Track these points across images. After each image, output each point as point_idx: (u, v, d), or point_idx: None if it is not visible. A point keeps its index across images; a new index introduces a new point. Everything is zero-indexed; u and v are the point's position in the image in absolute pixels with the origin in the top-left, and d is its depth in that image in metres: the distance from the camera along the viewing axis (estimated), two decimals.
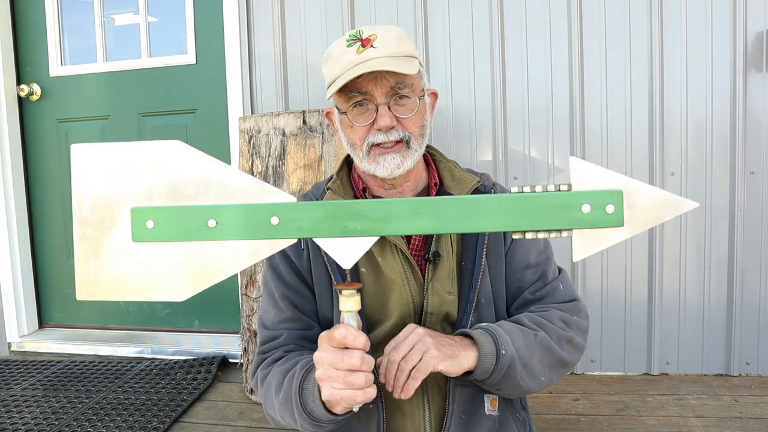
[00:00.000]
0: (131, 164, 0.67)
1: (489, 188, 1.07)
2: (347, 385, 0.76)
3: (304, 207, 0.65)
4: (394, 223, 0.65)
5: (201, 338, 2.64)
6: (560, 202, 0.63)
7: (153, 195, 0.67)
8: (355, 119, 0.98)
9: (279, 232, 0.65)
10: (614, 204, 0.63)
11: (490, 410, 1.01)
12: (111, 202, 0.68)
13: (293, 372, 0.92)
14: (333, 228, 0.65)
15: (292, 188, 1.96)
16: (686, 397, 2.01)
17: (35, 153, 2.82)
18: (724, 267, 2.15)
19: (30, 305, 2.83)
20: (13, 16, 2.74)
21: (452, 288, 1.01)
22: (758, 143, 2.09)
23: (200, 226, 0.66)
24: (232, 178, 0.66)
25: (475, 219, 0.64)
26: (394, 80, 0.96)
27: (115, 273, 0.68)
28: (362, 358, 0.75)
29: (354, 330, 0.75)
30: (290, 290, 1.04)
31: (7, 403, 2.09)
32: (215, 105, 2.55)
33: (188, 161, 0.67)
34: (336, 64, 0.98)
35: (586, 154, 2.18)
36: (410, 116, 0.98)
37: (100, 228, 0.68)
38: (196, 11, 2.54)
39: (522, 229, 0.64)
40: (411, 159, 0.99)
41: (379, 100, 0.96)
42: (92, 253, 0.68)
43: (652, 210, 0.64)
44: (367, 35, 0.97)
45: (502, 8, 2.19)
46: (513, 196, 0.64)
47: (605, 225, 0.63)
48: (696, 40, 2.09)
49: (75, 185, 0.68)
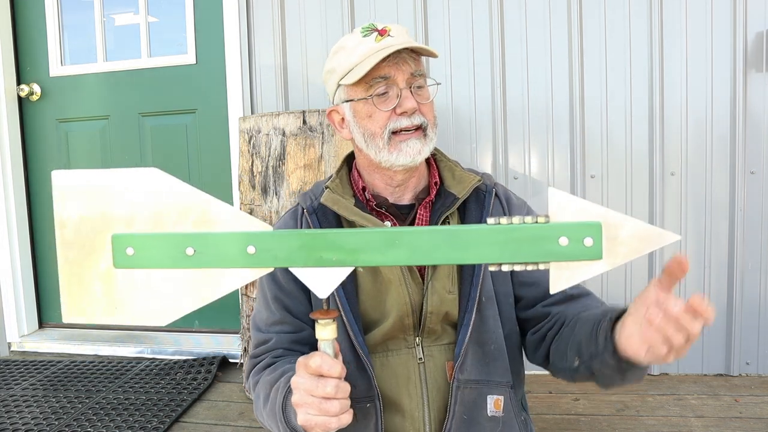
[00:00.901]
0: (110, 191, 0.68)
1: (490, 188, 1.06)
2: (321, 412, 0.76)
3: (279, 236, 0.66)
4: (369, 254, 0.65)
5: (201, 338, 2.64)
6: (537, 234, 0.62)
7: (133, 221, 0.68)
8: (379, 104, 0.99)
9: (255, 261, 0.66)
10: (592, 237, 0.62)
11: (494, 411, 1.00)
12: (92, 228, 0.68)
13: (278, 385, 0.92)
14: (308, 258, 0.66)
15: (292, 188, 1.97)
16: (686, 397, 2.01)
17: (35, 153, 2.82)
18: (724, 267, 2.15)
19: (30, 305, 2.83)
20: (13, 16, 2.74)
21: (452, 287, 1.01)
22: (758, 143, 2.09)
23: (179, 253, 0.66)
24: (210, 206, 0.67)
25: (451, 251, 0.64)
26: (415, 67, 0.98)
27: (99, 297, 0.69)
28: (336, 387, 0.76)
29: (329, 358, 0.75)
30: (282, 292, 1.04)
31: (7, 403, 2.09)
32: (215, 105, 2.55)
33: (166, 189, 0.67)
34: (353, 53, 0.99)
35: (586, 154, 2.19)
36: (427, 103, 1.01)
37: (83, 252, 0.69)
38: (196, 11, 2.54)
39: (498, 261, 0.63)
40: (428, 147, 1.01)
41: (402, 85, 0.98)
42: (76, 276, 0.69)
43: (632, 242, 0.63)
44: (382, 27, 0.99)
45: (502, 8, 2.19)
46: (490, 227, 0.63)
47: (583, 258, 0.62)
48: (696, 40, 2.09)
49: (57, 210, 0.69)
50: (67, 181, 0.69)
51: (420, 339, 1.00)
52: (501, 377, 1.02)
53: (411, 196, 1.06)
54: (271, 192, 2.00)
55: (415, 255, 0.65)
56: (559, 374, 1.01)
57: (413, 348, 1.00)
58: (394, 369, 1.00)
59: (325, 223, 1.02)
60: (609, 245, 0.63)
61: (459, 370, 0.98)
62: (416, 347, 1.00)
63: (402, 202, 1.06)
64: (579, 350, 0.90)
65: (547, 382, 2.17)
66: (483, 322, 1.01)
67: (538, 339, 1.03)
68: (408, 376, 0.99)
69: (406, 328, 1.00)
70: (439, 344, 1.01)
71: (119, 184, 0.68)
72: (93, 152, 2.76)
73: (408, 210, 1.05)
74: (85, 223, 0.69)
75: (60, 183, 0.69)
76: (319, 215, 1.03)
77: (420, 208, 1.04)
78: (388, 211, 1.04)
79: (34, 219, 2.85)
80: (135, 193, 0.68)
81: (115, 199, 0.68)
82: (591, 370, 0.89)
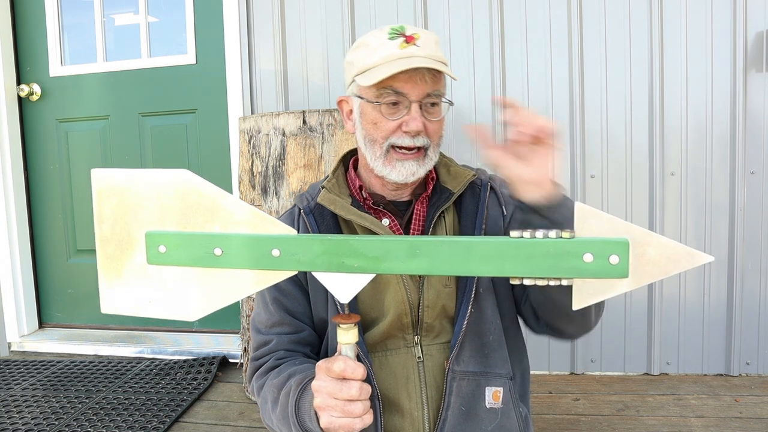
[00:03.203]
0: (144, 190, 0.71)
1: (485, 182, 1.07)
2: (346, 413, 0.78)
3: (303, 240, 0.67)
4: (390, 262, 0.66)
5: (201, 338, 2.64)
6: (561, 250, 0.61)
7: (165, 220, 0.71)
8: (386, 114, 0.97)
9: (279, 264, 0.68)
10: (619, 255, 0.60)
11: (492, 403, 1.00)
12: (128, 225, 0.72)
13: (288, 389, 0.92)
14: (331, 263, 0.67)
15: (292, 188, 1.97)
16: (686, 397, 2.01)
17: (35, 153, 2.82)
18: (724, 267, 2.15)
19: (30, 305, 2.83)
20: (13, 16, 2.74)
21: (449, 281, 1.01)
22: (758, 143, 2.09)
23: (207, 253, 0.69)
24: (236, 208, 0.69)
25: (472, 262, 0.64)
26: (432, 87, 0.95)
27: (133, 290, 0.72)
28: (361, 389, 0.77)
29: (352, 362, 0.77)
30: (281, 293, 1.04)
31: (7, 403, 2.09)
32: (215, 105, 2.55)
33: (196, 189, 0.70)
34: (374, 53, 0.96)
35: (586, 154, 2.19)
36: (435, 122, 0.98)
37: (120, 248, 0.72)
38: (196, 11, 2.54)
39: (520, 275, 0.62)
40: (425, 168, 0.99)
41: (414, 101, 0.95)
42: (114, 270, 0.73)
43: (660, 262, 0.61)
44: (411, 33, 0.95)
45: (502, 8, 2.19)
46: (512, 241, 0.62)
47: (608, 276, 0.60)
48: (696, 40, 2.09)
49: (96, 206, 0.72)
50: (105, 179, 0.72)
51: (419, 338, 1.00)
52: (500, 369, 1.02)
53: (409, 193, 1.07)
54: (271, 192, 2.00)
55: (436, 265, 0.65)
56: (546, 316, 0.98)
57: (412, 347, 1.00)
58: (392, 368, 1.00)
59: (323, 223, 1.02)
60: (636, 264, 0.61)
61: (455, 362, 0.98)
62: (415, 346, 1.00)
63: (400, 198, 1.06)
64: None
65: (547, 382, 2.18)
66: (481, 314, 1.01)
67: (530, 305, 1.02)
68: (407, 375, 0.99)
69: (404, 326, 1.00)
70: (437, 343, 1.01)
71: (152, 184, 0.70)
72: (93, 152, 2.76)
73: (406, 206, 1.06)
74: (120, 220, 0.72)
75: (99, 180, 0.72)
76: (316, 215, 1.03)
77: (417, 204, 1.05)
78: (385, 209, 1.04)
79: (34, 219, 2.85)
80: (166, 194, 0.70)
81: (149, 198, 0.71)
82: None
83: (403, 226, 1.04)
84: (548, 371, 2.27)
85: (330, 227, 1.02)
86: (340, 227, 1.03)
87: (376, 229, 0.98)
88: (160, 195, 0.70)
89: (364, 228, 0.99)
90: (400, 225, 1.04)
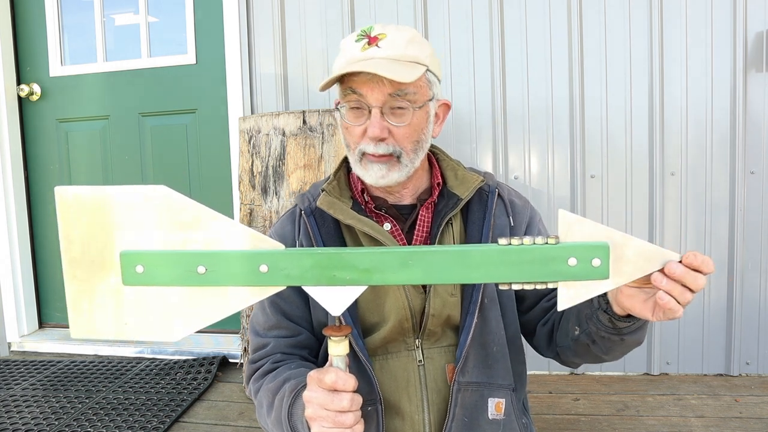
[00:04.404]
0: (118, 207, 0.66)
1: (493, 188, 1.05)
2: (337, 425, 0.78)
3: (292, 255, 0.66)
4: (382, 273, 0.66)
5: (201, 338, 2.64)
6: (547, 255, 0.64)
7: (141, 239, 0.66)
8: (350, 119, 0.96)
9: (268, 280, 0.66)
10: (600, 257, 0.64)
11: (495, 414, 0.99)
12: (100, 245, 0.67)
13: (282, 394, 0.92)
14: (321, 277, 0.66)
15: (292, 188, 1.97)
16: (686, 397, 2.01)
17: (35, 153, 2.82)
18: (724, 267, 2.15)
19: (30, 305, 2.83)
20: (13, 16, 2.74)
21: (455, 290, 1.00)
22: (758, 143, 2.10)
23: (190, 271, 0.66)
24: (219, 224, 0.66)
25: (463, 270, 0.66)
26: (393, 88, 0.91)
27: (108, 313, 0.68)
28: (351, 400, 0.77)
29: (343, 374, 0.77)
30: (279, 296, 1.02)
31: (7, 403, 2.09)
32: (215, 105, 2.55)
33: (175, 206, 0.66)
34: (341, 57, 0.96)
35: (586, 154, 2.19)
36: (402, 127, 0.93)
37: (91, 270, 0.68)
38: (196, 11, 2.54)
39: (509, 281, 0.65)
40: (399, 173, 0.96)
41: (373, 105, 0.92)
42: (84, 293, 0.68)
43: (638, 262, 0.66)
44: (376, 33, 0.94)
45: (502, 8, 2.19)
46: (501, 248, 0.65)
47: (590, 277, 0.65)
48: (696, 40, 2.09)
49: (62, 227, 0.67)
50: (71, 197, 0.67)
51: (420, 341, 0.99)
52: (503, 379, 1.01)
53: (412, 197, 1.05)
54: (271, 192, 2.00)
55: (428, 274, 0.66)
56: (565, 353, 1.01)
57: (413, 350, 1.00)
58: (393, 372, 0.99)
59: (323, 225, 1.01)
60: (615, 265, 0.65)
61: (460, 373, 0.97)
62: (416, 350, 0.99)
63: (402, 202, 1.05)
64: (578, 317, 0.92)
65: (547, 382, 2.18)
66: (485, 324, 1.00)
67: (548, 329, 1.03)
68: (407, 378, 0.99)
69: (405, 331, 0.99)
70: (439, 346, 1.00)
71: (127, 201, 0.66)
72: (93, 152, 2.76)
73: (409, 211, 1.04)
74: (92, 240, 0.67)
75: (64, 199, 0.67)
76: (317, 217, 1.02)
77: (422, 209, 1.03)
78: (387, 213, 1.02)
79: (34, 219, 2.85)
80: (143, 210, 0.66)
81: (123, 216, 0.66)
82: (590, 335, 0.90)
83: (405, 231, 1.02)
84: (548, 371, 2.27)
85: (330, 229, 1.01)
86: (341, 229, 1.02)
87: (376, 234, 0.96)
88: (136, 212, 0.66)
89: (364, 232, 0.98)
90: (402, 230, 1.02)
